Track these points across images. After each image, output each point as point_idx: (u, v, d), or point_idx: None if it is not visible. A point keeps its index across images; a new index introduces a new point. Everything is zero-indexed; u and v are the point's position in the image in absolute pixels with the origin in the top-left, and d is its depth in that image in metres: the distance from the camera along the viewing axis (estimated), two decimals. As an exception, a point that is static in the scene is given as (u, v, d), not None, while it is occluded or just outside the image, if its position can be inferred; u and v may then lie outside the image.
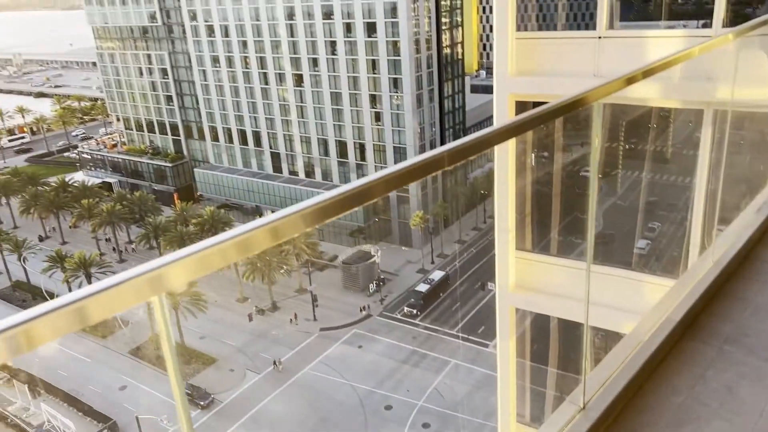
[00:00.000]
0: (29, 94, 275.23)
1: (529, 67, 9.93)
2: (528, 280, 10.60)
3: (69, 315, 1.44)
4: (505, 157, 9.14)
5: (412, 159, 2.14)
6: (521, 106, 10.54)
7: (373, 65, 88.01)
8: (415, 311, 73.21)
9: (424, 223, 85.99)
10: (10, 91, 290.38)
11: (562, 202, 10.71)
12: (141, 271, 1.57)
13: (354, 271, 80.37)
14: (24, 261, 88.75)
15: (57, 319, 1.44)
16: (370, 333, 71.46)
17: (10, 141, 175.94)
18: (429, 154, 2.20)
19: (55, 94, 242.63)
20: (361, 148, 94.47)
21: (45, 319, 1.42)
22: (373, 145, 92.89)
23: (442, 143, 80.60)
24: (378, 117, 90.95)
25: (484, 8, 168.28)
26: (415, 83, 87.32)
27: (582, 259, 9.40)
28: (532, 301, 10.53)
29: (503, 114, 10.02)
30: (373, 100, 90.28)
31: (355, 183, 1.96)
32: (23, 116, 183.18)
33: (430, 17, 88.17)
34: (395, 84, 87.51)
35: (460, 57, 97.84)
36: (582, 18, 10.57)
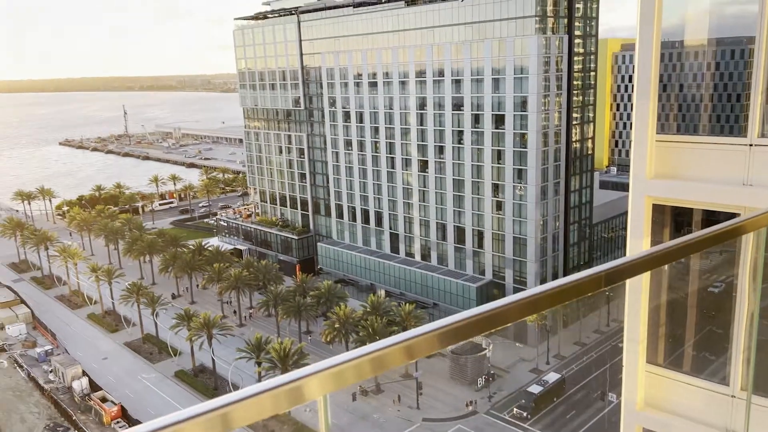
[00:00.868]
0: (182, 164, 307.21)
1: (668, 171, 9.46)
2: (659, 398, 9.60)
3: (215, 418, 1.53)
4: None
5: (563, 279, 1.99)
6: (658, 210, 9.99)
7: (499, 155, 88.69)
8: (525, 414, 68.77)
9: (542, 321, 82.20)
10: (167, 161, 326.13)
11: (704, 314, 9.78)
12: (279, 383, 1.65)
13: (463, 362, 77.82)
14: (156, 316, 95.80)
15: (206, 421, 1.52)
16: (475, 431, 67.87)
17: (160, 204, 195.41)
18: (584, 273, 2.07)
19: (204, 166, 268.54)
20: (480, 236, 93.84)
21: (196, 421, 1.49)
22: (492, 233, 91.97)
23: (566, 238, 77.95)
24: (499, 206, 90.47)
25: (618, 105, 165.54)
26: (540, 175, 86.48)
27: (725, 383, 8.39)
28: (664, 423, 9.47)
29: (639, 217, 9.53)
30: (496, 189, 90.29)
31: (494, 304, 1.90)
32: (174, 183, 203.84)
33: (560, 112, 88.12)
34: (519, 175, 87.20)
35: (589, 152, 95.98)
36: (727, 121, 10.03)
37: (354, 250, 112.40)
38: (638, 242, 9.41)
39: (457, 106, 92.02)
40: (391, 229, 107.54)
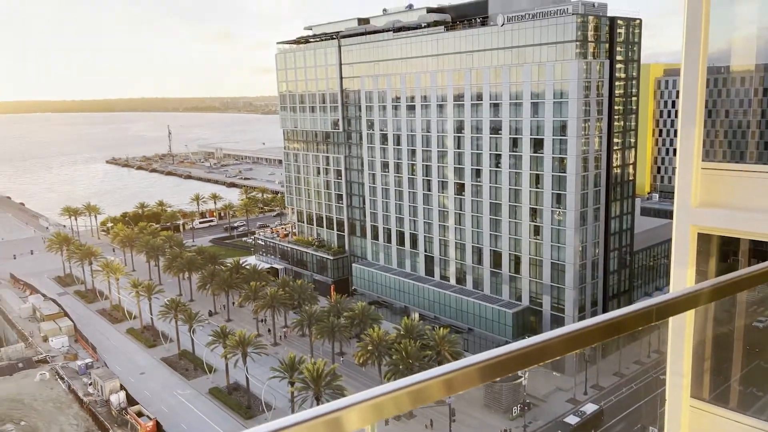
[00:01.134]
0: (223, 183, 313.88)
1: (715, 199, 9.18)
2: (704, 436, 9.19)
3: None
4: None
5: (611, 314, 1.94)
6: (704, 239, 9.69)
7: (537, 180, 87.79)
8: (561, 444, 66.87)
9: (581, 350, 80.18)
10: (208, 180, 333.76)
11: (752, 348, 9.38)
12: (317, 413, 1.65)
13: (498, 389, 76.33)
14: (193, 332, 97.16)
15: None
16: (508, 460, 66.16)
17: (201, 223, 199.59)
18: (633, 308, 2.02)
19: (244, 185, 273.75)
20: (516, 261, 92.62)
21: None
22: (530, 258, 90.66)
23: (606, 265, 76.16)
24: (537, 231, 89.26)
25: (660, 130, 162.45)
26: (579, 201, 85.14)
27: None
28: (708, 461, 9.06)
29: (684, 246, 9.27)
30: (534, 213, 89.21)
31: (537, 338, 1.86)
32: (215, 202, 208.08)
33: (601, 137, 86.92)
34: (558, 200, 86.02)
35: (631, 178, 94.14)
36: (778, 148, 9.70)
37: (389, 271, 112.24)
38: (683, 272, 9.14)
39: (495, 129, 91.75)
40: (426, 251, 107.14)
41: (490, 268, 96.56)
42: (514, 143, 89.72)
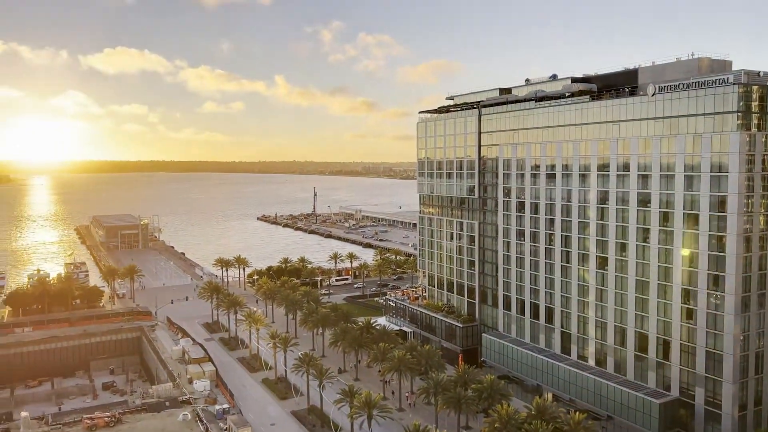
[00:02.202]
0: (360, 243, 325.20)
1: None
2: None
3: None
4: None
5: None
6: None
7: (691, 258, 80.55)
8: None
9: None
10: (346, 239, 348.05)
11: None
12: None
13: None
14: (322, 389, 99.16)
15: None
16: None
17: (337, 280, 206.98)
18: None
19: (379, 247, 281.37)
20: (665, 345, 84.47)
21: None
22: (681, 344, 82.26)
23: (774, 359, 66.34)
24: (690, 314, 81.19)
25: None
26: (741, 284, 76.48)
27: None
28: None
29: None
30: (687, 295, 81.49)
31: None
32: (351, 261, 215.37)
33: (766, 214, 78.43)
34: (716, 281, 77.98)
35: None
36: None
37: (521, 345, 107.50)
38: None
39: (644, 202, 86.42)
40: (562, 327, 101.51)
41: (634, 351, 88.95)
42: (665, 217, 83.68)
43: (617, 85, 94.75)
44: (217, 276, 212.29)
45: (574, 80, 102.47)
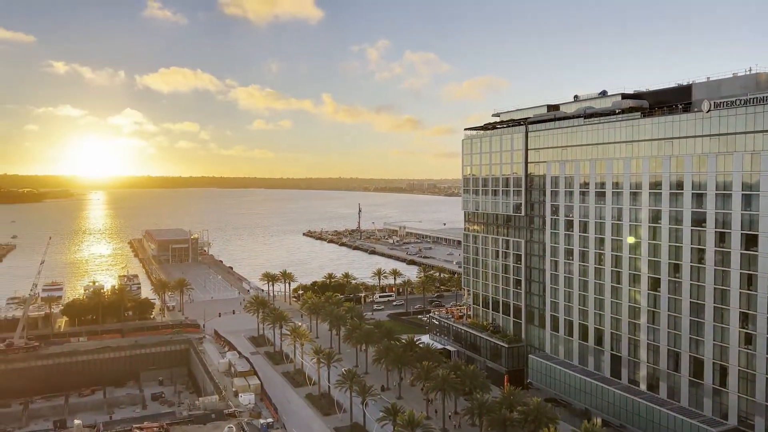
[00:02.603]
0: (404, 260, 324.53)
1: None
2: None
3: None
4: None
5: None
6: None
7: (749, 281, 77.09)
8: None
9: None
10: (390, 256, 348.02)
11: None
12: None
13: None
14: (365, 406, 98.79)
15: None
16: None
17: (380, 297, 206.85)
18: None
19: (423, 264, 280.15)
20: (722, 371, 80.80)
21: None
22: (739, 371, 78.53)
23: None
24: (749, 339, 77.52)
25: None
26: (805, 309, 72.73)
27: None
28: None
29: None
30: (745, 319, 77.90)
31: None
32: (395, 278, 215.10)
33: (833, 235, 74.51)
34: (777, 305, 74.31)
35: None
36: None
37: (569, 368, 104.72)
38: None
39: (698, 221, 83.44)
40: (612, 350, 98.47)
41: (689, 377, 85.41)
42: (721, 238, 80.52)
43: (670, 101, 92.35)
44: (263, 290, 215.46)
45: (625, 96, 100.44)
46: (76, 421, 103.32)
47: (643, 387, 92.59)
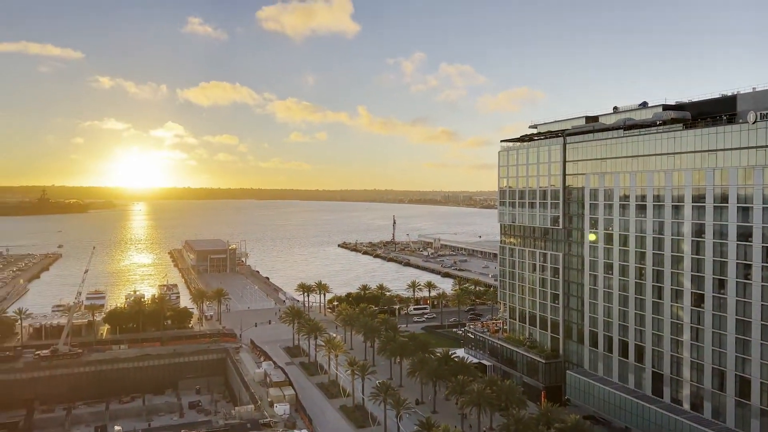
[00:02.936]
0: (438, 272, 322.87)
1: None
2: None
3: None
4: None
5: None
6: None
7: (800, 298, 74.12)
8: None
9: None
10: (425, 268, 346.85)
11: None
12: None
13: None
14: (400, 419, 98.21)
15: None
16: None
17: (415, 309, 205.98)
18: None
19: (458, 276, 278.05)
20: (771, 392, 77.66)
21: None
22: (790, 392, 75.38)
23: None
24: (800, 359, 74.36)
25: None
26: None
27: None
28: None
29: None
30: (796, 338, 74.79)
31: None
32: (429, 290, 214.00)
33: None
34: (830, 324, 71.18)
35: None
36: None
37: (608, 384, 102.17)
38: None
39: (744, 236, 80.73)
40: (654, 367, 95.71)
41: (734, 397, 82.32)
42: (769, 253, 77.71)
43: (713, 112, 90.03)
44: (298, 301, 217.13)
45: (666, 107, 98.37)
46: (117, 428, 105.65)
47: (686, 406, 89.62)
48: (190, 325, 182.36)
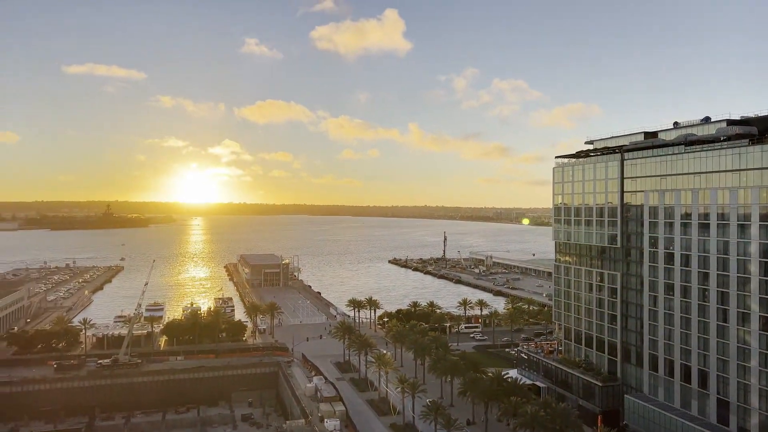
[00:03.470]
0: (490, 291, 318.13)
1: None
2: None
3: None
4: None
5: None
6: None
7: None
8: None
9: None
10: (476, 286, 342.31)
11: None
12: None
13: None
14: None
15: None
16: None
17: (466, 327, 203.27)
18: None
19: (511, 295, 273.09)
20: None
21: None
22: None
23: None
24: None
25: None
26: None
27: None
28: None
29: None
30: None
31: None
32: (481, 309, 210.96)
33: None
34: None
35: None
36: None
37: (669, 411, 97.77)
38: None
39: (819, 257, 76.28)
40: (719, 393, 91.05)
41: (810, 429, 77.32)
42: None
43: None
44: (349, 316, 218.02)
45: (731, 123, 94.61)
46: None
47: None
48: (244, 339, 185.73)
